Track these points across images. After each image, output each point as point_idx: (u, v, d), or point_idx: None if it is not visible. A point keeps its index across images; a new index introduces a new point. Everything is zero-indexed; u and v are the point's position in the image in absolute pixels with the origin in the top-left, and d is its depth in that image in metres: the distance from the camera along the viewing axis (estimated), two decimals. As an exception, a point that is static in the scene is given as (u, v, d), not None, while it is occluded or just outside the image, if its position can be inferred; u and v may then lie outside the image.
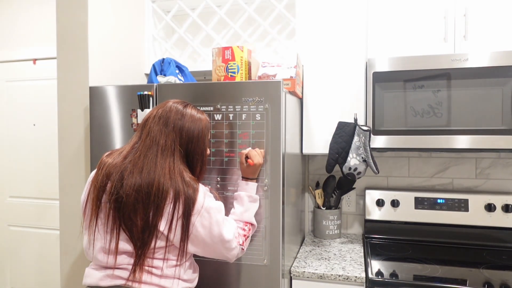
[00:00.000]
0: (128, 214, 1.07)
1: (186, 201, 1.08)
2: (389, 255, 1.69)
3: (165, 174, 1.08)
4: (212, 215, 1.12)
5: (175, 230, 1.08)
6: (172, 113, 1.17)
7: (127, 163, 1.11)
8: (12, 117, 2.70)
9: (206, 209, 1.11)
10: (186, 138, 1.16)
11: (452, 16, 1.60)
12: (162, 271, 1.10)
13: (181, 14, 2.26)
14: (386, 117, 1.60)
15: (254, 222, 1.32)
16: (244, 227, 1.27)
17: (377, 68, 1.60)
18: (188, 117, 1.18)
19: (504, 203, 1.76)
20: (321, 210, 1.95)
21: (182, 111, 1.18)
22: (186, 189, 1.09)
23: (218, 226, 1.13)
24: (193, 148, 1.18)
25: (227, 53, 1.55)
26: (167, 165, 1.10)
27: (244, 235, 1.25)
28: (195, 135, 1.18)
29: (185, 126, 1.16)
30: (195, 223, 1.10)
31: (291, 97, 1.54)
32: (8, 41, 2.69)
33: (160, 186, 1.07)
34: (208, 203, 1.13)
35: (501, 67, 1.48)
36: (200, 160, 1.20)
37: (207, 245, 1.13)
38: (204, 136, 1.20)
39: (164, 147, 1.13)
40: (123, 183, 1.08)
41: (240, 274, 1.40)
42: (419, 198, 1.86)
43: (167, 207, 1.07)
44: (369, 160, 1.61)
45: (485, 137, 1.50)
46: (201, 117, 1.21)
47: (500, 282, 1.39)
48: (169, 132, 1.15)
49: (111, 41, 1.77)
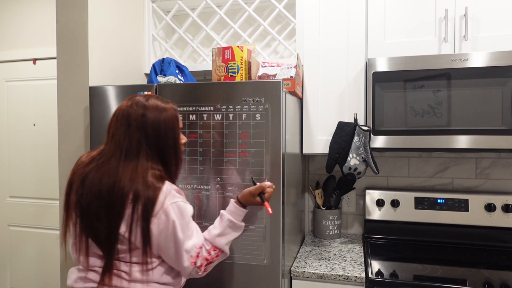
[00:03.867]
0: (92, 222, 1.05)
1: (145, 202, 1.02)
2: (389, 255, 1.69)
3: (126, 178, 1.04)
4: (170, 218, 1.04)
5: (136, 233, 1.03)
6: (133, 109, 1.10)
7: (89, 170, 1.08)
8: (12, 117, 2.70)
9: (164, 210, 1.04)
10: (152, 133, 1.09)
11: (452, 16, 1.60)
12: (130, 275, 1.06)
13: (181, 14, 2.26)
14: (386, 117, 1.60)
15: (226, 250, 1.18)
16: (211, 251, 1.13)
17: (377, 68, 1.60)
18: (152, 110, 1.10)
19: (504, 203, 1.76)
20: (321, 210, 1.95)
21: (143, 105, 1.11)
22: (146, 190, 1.03)
23: (174, 231, 1.05)
24: (163, 142, 1.11)
25: (227, 53, 1.55)
26: (129, 168, 1.05)
27: (206, 259, 1.12)
28: (161, 128, 1.10)
29: (149, 121, 1.09)
30: (152, 225, 1.04)
31: (291, 97, 1.54)
32: (8, 41, 2.69)
33: (120, 191, 1.03)
34: (168, 205, 1.05)
35: (501, 67, 1.48)
36: (173, 153, 1.13)
37: (162, 250, 1.07)
38: (172, 126, 1.12)
39: (128, 149, 1.07)
40: (84, 192, 1.06)
41: (240, 274, 1.40)
42: (419, 198, 1.86)
43: (127, 210, 1.03)
44: (369, 160, 1.61)
45: (485, 137, 1.50)
46: (165, 106, 1.13)
47: (500, 282, 1.39)
48: (132, 132, 1.08)
49: (111, 41, 1.77)
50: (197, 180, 1.44)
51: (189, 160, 1.44)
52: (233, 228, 1.19)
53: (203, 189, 1.43)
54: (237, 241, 1.40)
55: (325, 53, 1.76)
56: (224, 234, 1.17)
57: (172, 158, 1.14)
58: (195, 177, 1.44)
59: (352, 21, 1.72)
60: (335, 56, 1.75)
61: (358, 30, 1.71)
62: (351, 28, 1.72)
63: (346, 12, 1.73)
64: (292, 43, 1.96)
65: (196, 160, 1.43)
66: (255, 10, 2.11)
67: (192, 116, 1.43)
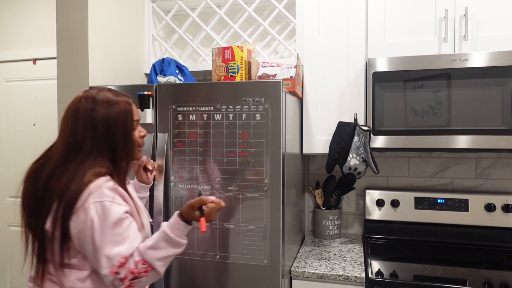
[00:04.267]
0: (30, 222, 1.03)
1: (68, 198, 0.97)
2: (389, 255, 1.69)
3: (64, 175, 0.99)
4: (89, 216, 0.96)
5: (57, 230, 0.98)
6: (81, 104, 1.05)
7: (31, 172, 1.05)
8: (12, 117, 2.70)
9: (84, 208, 0.96)
10: (102, 127, 1.04)
11: (452, 16, 1.60)
12: (59, 280, 1.01)
13: (181, 14, 2.26)
14: (386, 117, 1.60)
15: (158, 267, 1.01)
16: (138, 264, 0.99)
17: (377, 68, 1.60)
18: (102, 103, 1.05)
19: (504, 203, 1.76)
20: (321, 210, 1.95)
21: (93, 98, 1.05)
22: (73, 186, 0.97)
23: (92, 232, 0.96)
24: (113, 136, 1.05)
25: (227, 53, 1.55)
26: (70, 165, 1.01)
27: (132, 272, 0.98)
28: (111, 122, 1.04)
29: (98, 114, 1.04)
30: (71, 223, 0.97)
31: (291, 97, 1.54)
32: (8, 41, 2.69)
33: (54, 187, 0.99)
34: (90, 203, 0.97)
35: (501, 67, 1.48)
36: (124, 147, 1.07)
37: (84, 251, 0.99)
38: (123, 120, 1.07)
39: (73, 145, 1.02)
40: (24, 195, 1.04)
41: (240, 274, 1.40)
42: (419, 198, 1.86)
43: (54, 205, 0.99)
44: (369, 160, 1.61)
45: (485, 137, 1.50)
46: (117, 99, 1.07)
47: (500, 282, 1.39)
48: (79, 127, 1.03)
49: (111, 41, 1.77)
50: (197, 180, 1.44)
51: (189, 160, 1.44)
52: (169, 243, 1.03)
53: (203, 189, 1.43)
54: (237, 241, 1.40)
55: (325, 53, 1.76)
56: (157, 248, 1.02)
57: (123, 153, 1.07)
58: (195, 177, 1.44)
59: (352, 21, 1.72)
60: (335, 56, 1.75)
61: (358, 30, 1.71)
62: (351, 28, 1.72)
63: (346, 12, 1.73)
64: (292, 43, 1.96)
65: (196, 160, 1.43)
66: (255, 10, 2.11)
67: (192, 116, 1.43)
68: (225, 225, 1.41)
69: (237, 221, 1.40)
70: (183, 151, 1.45)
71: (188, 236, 1.43)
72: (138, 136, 1.14)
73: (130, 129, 1.09)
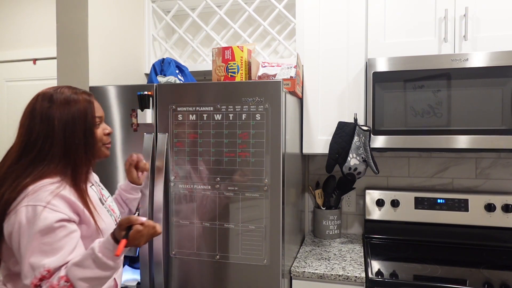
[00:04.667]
0: None
1: (5, 200, 0.94)
2: (389, 255, 1.69)
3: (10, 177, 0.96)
4: (17, 218, 0.91)
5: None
6: (38, 102, 1.01)
7: None
8: (12, 117, 2.70)
9: (16, 211, 0.92)
10: (59, 125, 0.99)
11: (452, 16, 1.60)
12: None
13: (181, 14, 2.26)
14: (386, 117, 1.60)
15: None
16: (60, 281, 0.90)
17: (377, 68, 1.60)
18: (60, 101, 1.01)
19: (504, 203, 1.76)
20: (321, 210, 1.95)
21: (50, 96, 1.01)
22: (12, 187, 0.94)
23: (19, 235, 0.91)
24: (72, 134, 1.00)
25: (227, 53, 1.55)
26: (19, 166, 0.97)
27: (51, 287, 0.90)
28: (70, 119, 1.00)
29: (55, 112, 1.00)
30: (4, 224, 0.94)
31: (291, 97, 1.54)
32: (8, 41, 2.69)
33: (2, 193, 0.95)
34: (22, 206, 0.92)
35: (501, 67, 1.48)
36: (83, 145, 1.02)
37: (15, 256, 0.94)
38: (83, 117, 1.02)
39: (26, 146, 0.99)
40: None
41: (240, 274, 1.40)
42: (419, 198, 1.86)
43: None
44: (369, 160, 1.61)
45: (485, 137, 1.50)
46: (76, 97, 1.03)
47: (500, 282, 1.39)
48: (34, 126, 0.99)
49: (111, 41, 1.77)
50: (197, 180, 1.44)
51: (189, 160, 1.44)
52: (96, 263, 0.91)
53: (203, 189, 1.43)
54: (237, 241, 1.40)
55: (325, 53, 1.76)
56: (81, 266, 0.91)
57: (82, 151, 1.02)
58: (195, 177, 1.44)
59: (352, 21, 1.72)
60: (335, 56, 1.75)
61: (358, 30, 1.71)
62: (351, 28, 1.72)
63: (346, 12, 1.73)
64: (292, 43, 1.96)
65: (196, 160, 1.43)
66: (255, 10, 2.11)
67: (192, 116, 1.43)
68: (225, 225, 1.41)
69: (237, 221, 1.40)
70: (183, 151, 1.45)
71: (188, 236, 1.44)
72: (102, 134, 1.10)
73: (91, 125, 1.05)
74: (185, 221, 1.45)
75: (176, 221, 1.46)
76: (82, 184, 1.03)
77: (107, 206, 1.15)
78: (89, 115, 1.04)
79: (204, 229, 1.43)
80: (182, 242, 1.45)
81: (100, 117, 1.10)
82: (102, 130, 1.10)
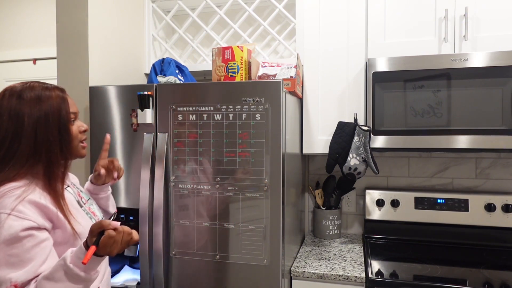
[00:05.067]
0: None
1: None
2: (389, 255, 1.69)
3: None
4: None
5: None
6: (5, 97, 0.95)
7: None
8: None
9: None
10: (29, 122, 0.93)
11: (452, 16, 1.60)
12: None
13: (181, 14, 2.26)
14: (386, 117, 1.60)
15: None
16: None
17: (377, 68, 1.60)
18: (31, 97, 0.95)
19: (504, 203, 1.76)
20: (321, 210, 1.95)
21: (19, 91, 0.95)
22: None
23: None
24: (44, 132, 0.94)
25: (227, 53, 1.55)
26: None
27: None
28: (42, 115, 0.94)
29: (25, 109, 0.93)
30: None
31: (291, 97, 1.54)
32: (8, 41, 2.69)
33: None
34: None
35: (501, 67, 1.48)
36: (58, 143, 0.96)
37: None
38: (56, 113, 0.96)
39: None
40: None
41: (240, 274, 1.40)
42: (419, 198, 1.86)
43: None
44: (369, 160, 1.61)
45: (485, 137, 1.50)
46: (49, 94, 0.97)
47: (500, 282, 1.39)
48: (1, 123, 0.93)
49: (111, 41, 1.77)
50: (197, 180, 1.44)
51: (189, 160, 1.44)
52: (68, 275, 0.84)
53: (203, 189, 1.43)
54: (237, 241, 1.40)
55: (325, 53, 1.76)
56: (53, 279, 0.84)
57: (57, 150, 0.96)
58: (195, 177, 1.44)
59: (352, 21, 1.72)
60: (335, 56, 1.75)
61: (358, 30, 1.71)
62: (351, 28, 1.72)
63: (346, 12, 1.73)
64: (292, 43, 1.96)
65: (196, 160, 1.43)
66: (255, 10, 2.11)
67: (192, 116, 1.43)
68: (225, 225, 1.41)
69: (237, 221, 1.40)
70: (183, 151, 1.45)
71: (188, 236, 1.44)
72: (78, 131, 1.03)
73: (66, 122, 0.98)
74: (185, 221, 1.45)
75: (176, 221, 1.46)
76: (58, 184, 0.97)
77: (86, 209, 1.08)
78: (63, 111, 0.98)
79: (204, 229, 1.43)
80: (182, 242, 1.45)
81: (75, 113, 1.03)
82: (78, 127, 1.04)
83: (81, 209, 1.05)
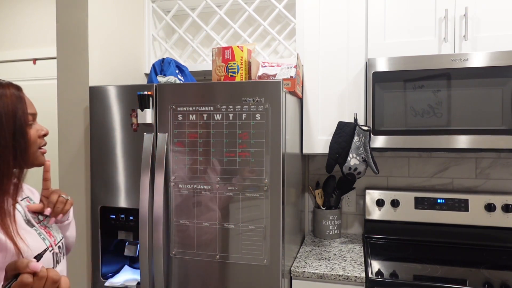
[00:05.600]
0: None
1: None
2: (389, 255, 1.69)
3: None
4: None
5: None
6: None
7: None
8: (12, 117, 2.70)
9: None
10: None
11: (452, 16, 1.60)
12: None
13: (181, 14, 2.26)
14: (386, 117, 1.60)
15: None
16: None
17: (377, 68, 1.60)
18: None
19: (504, 203, 1.76)
20: (321, 210, 1.95)
21: None
22: None
23: None
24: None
25: (227, 53, 1.55)
26: None
27: None
28: None
29: None
30: None
31: (291, 97, 1.54)
32: (8, 41, 2.69)
33: None
34: None
35: (501, 67, 1.48)
36: (13, 148, 0.85)
37: None
38: (10, 117, 0.85)
39: None
40: None
41: (240, 274, 1.40)
42: (419, 198, 1.86)
43: None
44: (369, 160, 1.61)
45: (485, 137, 1.50)
46: (3, 92, 0.86)
47: (500, 282, 1.39)
48: None
49: (111, 41, 1.77)
50: (197, 180, 1.44)
51: (189, 160, 1.44)
52: None
53: (203, 189, 1.43)
54: (237, 241, 1.40)
55: (325, 53, 1.76)
56: None
57: (9, 158, 0.84)
58: (195, 177, 1.44)
59: (352, 21, 1.72)
60: (335, 56, 1.75)
61: (358, 30, 1.71)
62: (351, 28, 1.72)
63: (346, 12, 1.73)
64: (292, 43, 1.96)
65: (196, 160, 1.43)
66: (255, 10, 2.11)
67: (192, 116, 1.43)
68: (225, 225, 1.41)
69: (237, 221, 1.40)
70: (183, 151, 1.45)
71: (188, 236, 1.44)
72: (37, 135, 0.93)
73: (23, 124, 0.87)
74: (185, 221, 1.45)
75: (176, 221, 1.46)
76: (5, 198, 0.84)
77: (39, 228, 0.95)
78: (20, 111, 0.87)
79: (204, 229, 1.43)
80: (182, 242, 1.45)
81: (33, 114, 0.93)
82: (36, 131, 0.93)
83: (31, 229, 0.92)
